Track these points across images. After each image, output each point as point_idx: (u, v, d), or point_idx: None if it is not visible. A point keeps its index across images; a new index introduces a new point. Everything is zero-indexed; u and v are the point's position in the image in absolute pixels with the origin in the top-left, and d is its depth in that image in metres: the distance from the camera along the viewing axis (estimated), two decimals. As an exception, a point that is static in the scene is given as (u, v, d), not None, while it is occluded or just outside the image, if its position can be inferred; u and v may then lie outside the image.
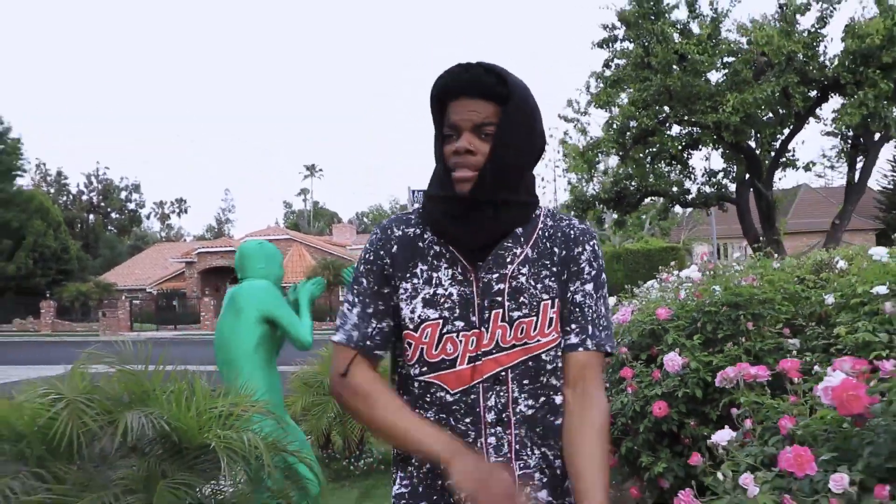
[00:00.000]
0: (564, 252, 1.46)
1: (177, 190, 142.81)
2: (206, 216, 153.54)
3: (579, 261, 1.46)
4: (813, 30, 13.81)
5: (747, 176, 15.80)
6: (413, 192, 14.20)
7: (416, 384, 1.43)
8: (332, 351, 1.58)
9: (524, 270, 1.41)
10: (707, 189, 16.87)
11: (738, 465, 2.56)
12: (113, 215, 76.62)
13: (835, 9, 13.69)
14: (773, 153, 15.57)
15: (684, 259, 31.62)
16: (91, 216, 72.95)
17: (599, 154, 16.18)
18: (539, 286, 1.41)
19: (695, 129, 15.13)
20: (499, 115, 1.37)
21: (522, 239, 1.44)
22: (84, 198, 73.54)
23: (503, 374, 1.38)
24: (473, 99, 1.37)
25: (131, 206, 78.27)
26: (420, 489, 1.44)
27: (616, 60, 15.38)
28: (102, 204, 74.99)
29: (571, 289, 1.45)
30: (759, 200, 15.51)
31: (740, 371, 3.18)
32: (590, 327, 1.45)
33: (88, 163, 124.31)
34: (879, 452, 2.10)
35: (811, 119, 15.82)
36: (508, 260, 1.41)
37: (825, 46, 13.93)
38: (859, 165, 15.94)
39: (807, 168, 16.04)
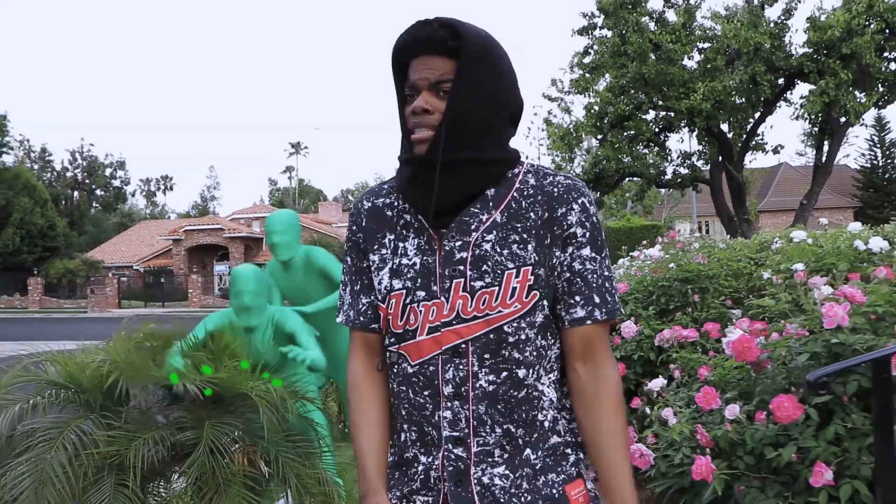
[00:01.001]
0: (546, 214, 1.35)
1: (162, 167, 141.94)
2: (192, 193, 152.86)
3: (565, 223, 1.35)
4: (780, 21, 14.55)
5: (720, 158, 16.58)
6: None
7: (388, 354, 1.42)
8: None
9: (489, 237, 1.33)
10: (682, 170, 17.64)
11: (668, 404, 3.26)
12: (98, 192, 76.42)
13: (800, 1, 14.39)
14: (744, 136, 16.32)
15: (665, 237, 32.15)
16: (76, 193, 72.75)
17: (580, 136, 16.85)
18: (505, 252, 1.32)
19: (669, 113, 15.83)
20: (451, 70, 1.32)
21: (492, 203, 1.35)
22: (69, 175, 73.28)
23: (463, 346, 1.32)
24: (431, 56, 1.32)
25: (116, 183, 78.04)
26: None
27: (595, 47, 16.04)
28: (87, 181, 74.73)
29: (564, 256, 1.35)
30: (730, 182, 16.34)
31: (675, 333, 3.90)
32: (595, 296, 1.35)
33: (73, 139, 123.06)
34: (766, 391, 2.80)
35: (782, 103, 16.63)
36: (473, 227, 1.34)
37: (791, 36, 14.69)
38: (826, 148, 16.79)
39: (775, 151, 16.85)
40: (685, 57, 15.61)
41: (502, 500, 1.31)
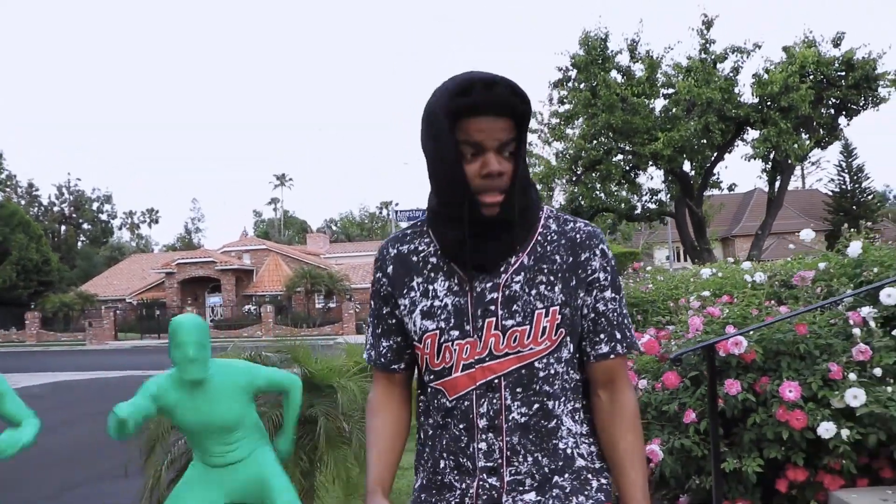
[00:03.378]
0: (571, 258, 1.43)
1: (145, 200, 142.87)
2: (176, 226, 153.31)
3: (589, 268, 1.43)
4: (730, 76, 16.71)
5: (682, 195, 18.63)
6: (396, 212, 16.43)
7: (428, 391, 1.48)
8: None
9: (518, 278, 1.40)
10: (650, 205, 19.63)
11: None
12: (85, 226, 77.41)
13: (746, 59, 16.62)
14: (702, 176, 18.41)
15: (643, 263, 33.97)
16: (63, 227, 73.76)
17: (554, 178, 18.81)
18: (533, 293, 1.39)
19: (635, 157, 17.86)
20: (516, 131, 1.35)
21: (518, 247, 1.42)
22: (55, 209, 74.33)
23: (496, 381, 1.38)
24: (497, 118, 1.32)
25: (103, 216, 79.11)
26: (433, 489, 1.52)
27: (568, 98, 18.09)
28: (74, 215, 75.76)
29: (590, 299, 1.44)
30: (691, 216, 18.36)
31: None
32: (616, 332, 1.45)
33: (59, 174, 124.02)
34: (662, 371, 4.51)
35: (740, 143, 18.73)
36: (502, 269, 1.40)
37: (740, 89, 16.86)
38: (778, 184, 18.90)
39: (730, 189, 18.91)
40: (651, 102, 17.70)
41: None
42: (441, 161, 1.36)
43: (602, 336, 1.45)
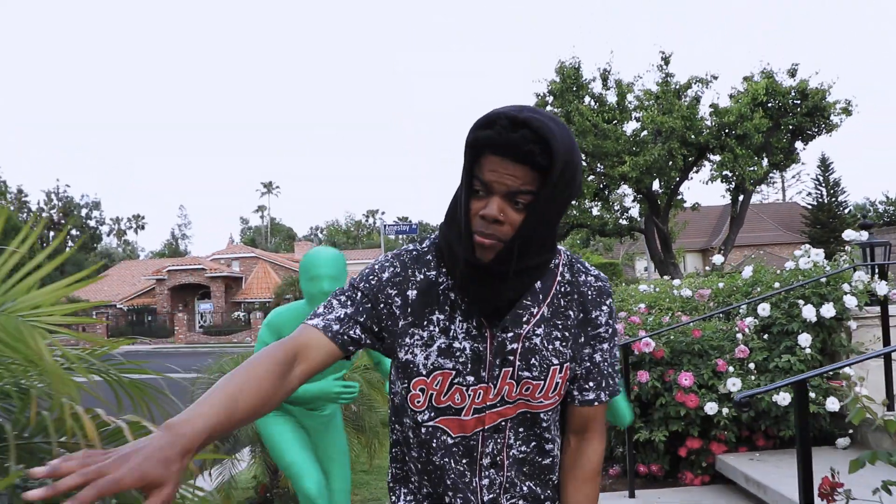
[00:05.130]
0: (582, 315, 1.42)
1: (132, 206, 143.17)
2: (163, 232, 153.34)
3: (597, 323, 1.43)
4: (692, 105, 18.27)
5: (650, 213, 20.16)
6: (385, 226, 17.55)
7: (423, 430, 1.41)
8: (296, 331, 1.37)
9: (539, 331, 1.37)
10: (622, 222, 21.09)
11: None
12: (73, 232, 78.03)
13: (706, 90, 18.22)
14: (668, 196, 19.95)
15: (622, 273, 35.48)
16: (52, 233, 74.38)
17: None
18: (550, 348, 1.38)
19: (605, 178, 19.38)
20: (537, 183, 1.23)
21: (541, 296, 1.39)
22: (44, 215, 74.89)
23: (503, 423, 1.40)
24: (514, 163, 1.22)
25: (92, 223, 79.74)
26: None
27: None
28: (63, 221, 76.39)
29: (588, 350, 1.43)
30: (658, 232, 19.81)
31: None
32: (604, 381, 1.45)
33: (48, 180, 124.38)
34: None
35: (706, 164, 20.27)
36: (525, 319, 1.37)
37: (704, 116, 18.39)
38: (740, 204, 20.44)
39: (693, 208, 20.44)
40: (623, 125, 19.27)
41: None
42: (459, 188, 1.31)
43: (591, 384, 1.44)
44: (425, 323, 1.39)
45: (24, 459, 1.67)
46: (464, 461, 1.42)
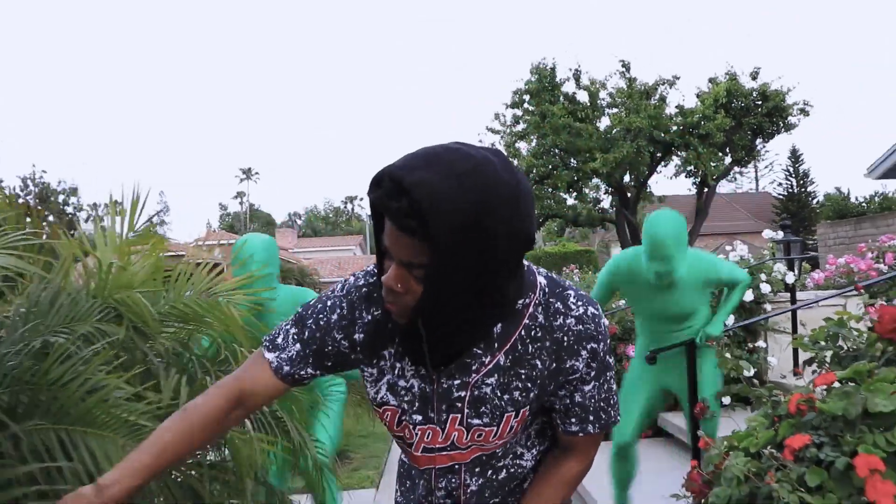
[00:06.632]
0: (554, 365, 1.23)
1: (108, 192, 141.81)
2: (140, 219, 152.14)
3: (572, 370, 1.25)
4: (659, 105, 19.66)
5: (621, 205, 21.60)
6: (368, 217, 18.42)
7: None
8: (251, 358, 1.37)
9: (490, 381, 1.23)
10: (594, 212, 22.42)
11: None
12: (50, 218, 77.87)
13: (670, 90, 19.79)
14: (637, 189, 21.39)
15: (597, 260, 36.67)
16: (28, 219, 74.14)
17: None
18: (506, 398, 1.24)
19: (578, 172, 20.75)
20: (428, 255, 1.04)
21: (496, 343, 1.22)
22: (20, 202, 74.58)
23: (456, 466, 1.34)
24: (398, 231, 1.04)
25: (69, 209, 79.66)
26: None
27: (523, 117, 20.96)
28: (39, 207, 76.07)
29: (565, 392, 1.28)
30: (628, 223, 21.20)
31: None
32: (591, 416, 1.31)
33: (24, 166, 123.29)
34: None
35: (675, 158, 21.65)
36: (474, 368, 1.23)
37: (668, 116, 19.79)
38: (705, 197, 21.87)
39: (660, 200, 21.92)
40: (597, 121, 20.64)
41: None
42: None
43: (573, 420, 1.32)
44: (375, 360, 1.31)
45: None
46: (424, 485, 1.40)
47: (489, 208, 1.02)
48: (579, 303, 1.24)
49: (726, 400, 5.32)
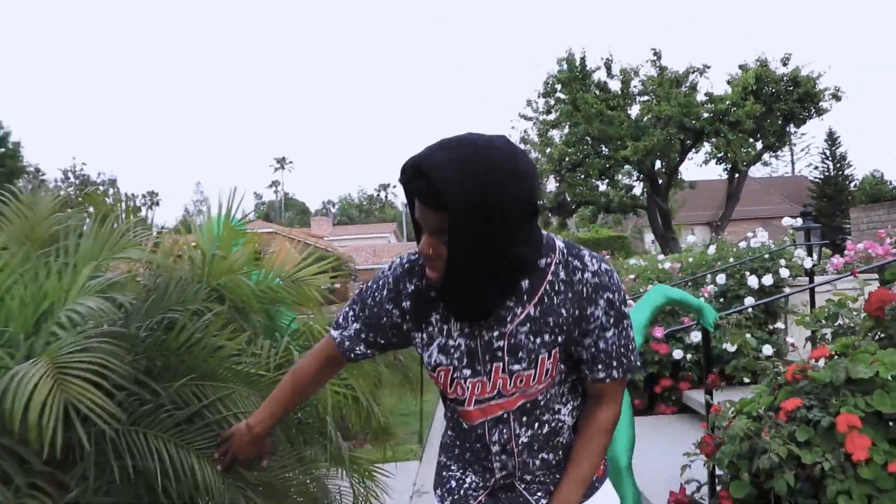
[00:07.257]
0: (577, 312, 1.45)
1: (146, 183, 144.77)
2: (176, 209, 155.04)
3: (593, 318, 1.45)
4: (689, 92, 19.80)
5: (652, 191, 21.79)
6: (405, 205, 19.01)
7: (453, 409, 1.60)
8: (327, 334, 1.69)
9: (524, 329, 1.44)
10: (626, 199, 22.63)
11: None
12: (91, 210, 79.42)
13: (700, 79, 19.95)
14: (668, 175, 21.55)
15: (630, 246, 36.71)
16: (70, 211, 75.80)
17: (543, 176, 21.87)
18: (538, 341, 1.44)
19: (610, 160, 20.99)
20: (447, 223, 1.30)
21: (526, 297, 1.44)
22: (62, 193, 76.25)
23: (505, 415, 1.50)
24: (424, 206, 1.32)
25: (109, 200, 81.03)
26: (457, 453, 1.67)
27: (556, 106, 21.27)
28: (80, 199, 77.82)
29: (590, 340, 1.47)
30: (659, 209, 21.38)
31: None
32: (614, 362, 1.49)
33: (64, 159, 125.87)
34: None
35: (707, 144, 21.79)
36: (508, 319, 1.44)
37: (699, 104, 19.92)
38: (735, 183, 21.96)
39: (692, 186, 22.02)
40: (629, 109, 20.85)
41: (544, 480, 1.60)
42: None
43: (600, 366, 1.50)
44: (423, 325, 1.53)
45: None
46: (478, 445, 1.57)
47: (492, 183, 1.27)
48: (594, 260, 1.47)
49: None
